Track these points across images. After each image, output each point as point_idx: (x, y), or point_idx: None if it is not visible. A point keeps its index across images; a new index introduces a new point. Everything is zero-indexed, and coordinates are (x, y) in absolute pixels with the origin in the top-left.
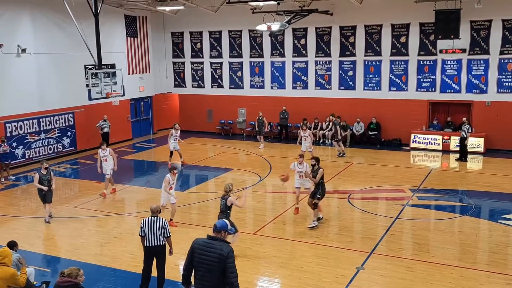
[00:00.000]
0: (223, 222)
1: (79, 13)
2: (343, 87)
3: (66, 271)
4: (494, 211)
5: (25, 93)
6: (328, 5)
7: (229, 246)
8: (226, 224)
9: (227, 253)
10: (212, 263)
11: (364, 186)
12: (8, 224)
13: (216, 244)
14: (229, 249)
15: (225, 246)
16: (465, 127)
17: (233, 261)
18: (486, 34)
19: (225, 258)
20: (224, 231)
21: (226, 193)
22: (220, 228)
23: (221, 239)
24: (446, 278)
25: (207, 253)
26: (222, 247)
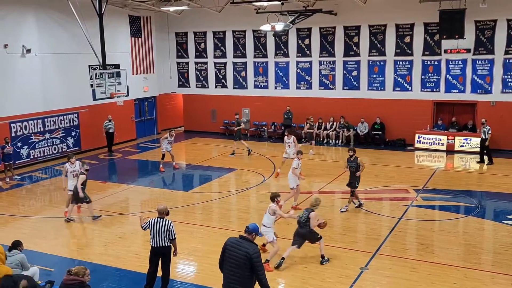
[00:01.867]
0: (255, 225)
1: (84, 14)
2: (347, 87)
3: (74, 270)
4: (498, 212)
5: (30, 93)
6: (332, 5)
7: (256, 247)
8: (257, 227)
9: (253, 253)
10: (239, 259)
11: (368, 186)
12: (13, 224)
13: (245, 243)
14: (255, 250)
15: (252, 247)
16: (485, 128)
17: (259, 260)
18: (490, 34)
19: (250, 257)
20: (255, 233)
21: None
22: (251, 230)
23: (250, 240)
24: (451, 278)
25: (236, 251)
26: (249, 247)
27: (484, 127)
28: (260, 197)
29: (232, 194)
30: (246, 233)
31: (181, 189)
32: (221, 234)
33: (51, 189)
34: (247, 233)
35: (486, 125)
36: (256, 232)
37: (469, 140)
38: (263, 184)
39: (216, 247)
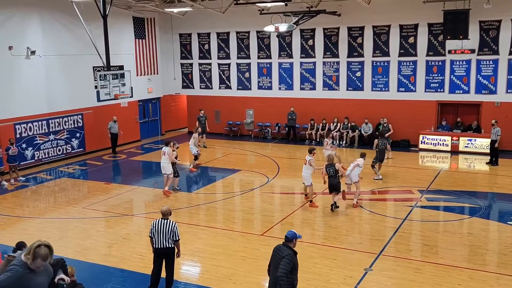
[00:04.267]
0: (292, 233)
1: (88, 15)
2: (351, 88)
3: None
4: (503, 213)
5: (34, 95)
6: (336, 6)
7: (290, 253)
8: (295, 234)
9: (285, 255)
10: (277, 263)
11: (372, 187)
12: (18, 225)
13: (284, 248)
14: (287, 252)
15: (287, 251)
16: (495, 130)
17: (287, 261)
18: (495, 34)
19: (282, 258)
20: (294, 239)
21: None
22: (290, 238)
23: (289, 246)
24: (455, 279)
25: (276, 256)
26: (284, 251)
27: (494, 129)
28: (264, 198)
29: (236, 195)
30: (287, 242)
31: (185, 190)
32: (225, 235)
33: (55, 190)
34: (287, 241)
35: (496, 126)
36: (295, 238)
37: (474, 141)
38: (267, 185)
39: (220, 248)
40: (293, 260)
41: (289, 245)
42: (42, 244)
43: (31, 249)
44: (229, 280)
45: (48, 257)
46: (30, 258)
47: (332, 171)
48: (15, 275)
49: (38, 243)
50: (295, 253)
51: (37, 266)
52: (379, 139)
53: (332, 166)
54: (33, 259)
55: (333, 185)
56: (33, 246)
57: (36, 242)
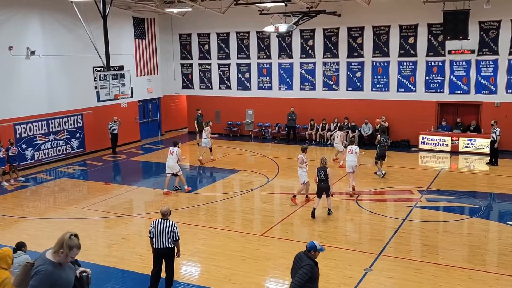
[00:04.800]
0: (311, 243)
1: (88, 16)
2: (351, 88)
3: None
4: (503, 213)
5: (34, 95)
6: (335, 6)
7: (310, 263)
8: (314, 244)
9: (304, 265)
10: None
11: (372, 187)
12: (18, 225)
13: (304, 258)
14: (306, 263)
15: (307, 261)
16: (495, 130)
17: (304, 272)
18: (495, 34)
19: (301, 268)
20: (313, 250)
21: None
22: (309, 248)
23: (310, 257)
24: (455, 280)
25: (297, 264)
26: (304, 261)
27: (494, 129)
28: (264, 198)
29: (236, 195)
30: (307, 251)
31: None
32: (225, 235)
33: (55, 190)
34: (307, 251)
35: (496, 126)
36: (315, 249)
37: (474, 141)
38: (267, 185)
39: (220, 248)
40: (312, 271)
41: (309, 255)
42: (71, 234)
43: (63, 242)
44: (229, 280)
45: (80, 245)
46: (65, 250)
47: (323, 175)
48: (45, 275)
49: (68, 234)
50: (316, 264)
51: (72, 256)
52: (382, 135)
53: (323, 170)
54: (69, 250)
55: (322, 188)
56: (64, 239)
57: (66, 234)
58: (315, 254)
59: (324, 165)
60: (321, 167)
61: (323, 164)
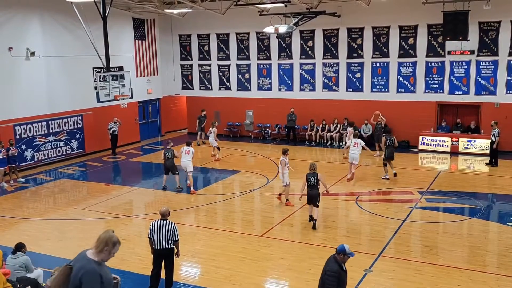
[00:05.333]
0: (341, 246)
1: (88, 16)
2: (350, 89)
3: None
4: (503, 213)
5: (34, 96)
6: (335, 7)
7: (336, 266)
8: (344, 248)
9: (327, 270)
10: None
11: (372, 188)
12: (18, 226)
13: (330, 262)
14: (329, 268)
15: (333, 265)
16: (494, 130)
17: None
18: (494, 35)
19: (325, 273)
20: (342, 254)
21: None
22: (338, 251)
23: (337, 260)
24: (455, 280)
25: (324, 266)
26: (329, 265)
27: (494, 129)
28: (264, 199)
29: (236, 196)
30: (336, 254)
31: (185, 191)
32: (225, 236)
33: (55, 191)
34: (337, 254)
35: (496, 127)
36: (344, 253)
37: (473, 142)
38: (267, 186)
39: (220, 249)
40: (338, 276)
41: (338, 258)
42: (112, 231)
43: (107, 240)
44: (229, 281)
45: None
46: (110, 247)
47: (314, 181)
48: (95, 273)
49: (110, 231)
50: (342, 268)
51: (115, 252)
52: (387, 136)
53: (314, 176)
54: (113, 246)
55: (311, 195)
56: (108, 236)
57: (108, 232)
58: (344, 257)
59: (314, 171)
60: (311, 173)
61: (313, 170)
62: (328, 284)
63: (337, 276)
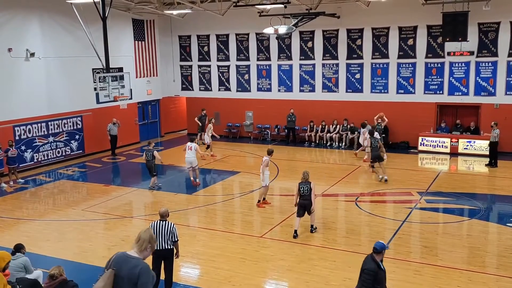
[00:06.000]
0: (380, 244)
1: (87, 17)
2: (350, 90)
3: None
4: (503, 214)
5: (34, 97)
6: (335, 8)
7: (373, 265)
8: (383, 245)
9: (365, 268)
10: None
11: (372, 189)
12: (17, 227)
13: (367, 261)
14: (367, 266)
15: (369, 264)
16: (494, 131)
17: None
18: (494, 36)
19: (362, 271)
20: (384, 250)
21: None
22: (379, 249)
23: (374, 259)
24: (455, 281)
25: (362, 265)
26: (366, 264)
27: (494, 130)
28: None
29: (236, 197)
30: (375, 253)
31: (184, 192)
32: (224, 237)
33: (54, 192)
34: (375, 253)
35: (495, 128)
36: (384, 249)
37: (473, 143)
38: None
39: (220, 250)
40: (375, 275)
41: (375, 258)
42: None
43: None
44: (229, 282)
45: None
46: (152, 244)
47: (306, 190)
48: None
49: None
50: (379, 266)
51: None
52: (371, 137)
53: (307, 184)
54: (154, 244)
55: (304, 205)
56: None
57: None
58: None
59: (307, 180)
60: (304, 181)
61: (306, 179)
62: (364, 282)
63: (373, 275)
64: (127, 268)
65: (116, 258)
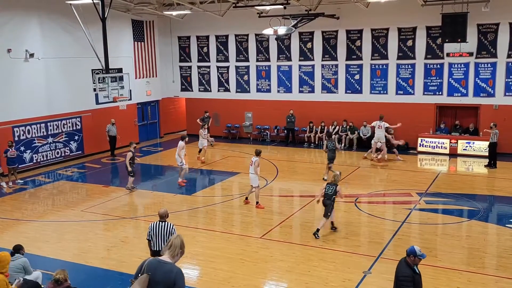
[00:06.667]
0: (411, 248)
1: (87, 18)
2: (349, 90)
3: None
4: (502, 215)
5: (33, 98)
6: (334, 9)
7: (408, 270)
8: (414, 249)
9: (399, 275)
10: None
11: (371, 190)
12: (16, 228)
13: (401, 266)
14: (401, 273)
15: (405, 269)
16: (493, 132)
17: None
18: (493, 37)
19: (397, 278)
20: (412, 255)
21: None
22: (408, 253)
23: (408, 263)
24: (454, 282)
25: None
26: (400, 271)
27: (493, 131)
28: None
29: (235, 198)
30: (407, 257)
31: (183, 193)
32: (223, 238)
33: (54, 193)
34: (407, 256)
35: (495, 128)
36: (414, 254)
37: (472, 144)
38: (266, 188)
39: (219, 251)
40: (412, 280)
41: (409, 261)
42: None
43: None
44: (228, 283)
45: None
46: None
47: (331, 191)
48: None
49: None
50: (414, 271)
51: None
52: (328, 140)
53: (333, 186)
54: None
55: (325, 204)
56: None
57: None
58: (415, 259)
59: (335, 182)
60: (331, 183)
61: (334, 181)
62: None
63: (411, 280)
64: (161, 272)
65: (149, 264)
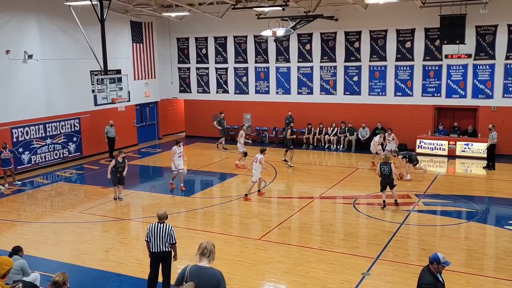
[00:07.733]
0: (434, 255)
1: (85, 20)
2: (348, 92)
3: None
4: (500, 217)
5: (32, 99)
6: (333, 11)
7: (430, 278)
8: (437, 257)
9: (423, 283)
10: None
11: (370, 191)
12: (14, 229)
13: (423, 274)
14: (427, 280)
15: (427, 277)
16: (491, 134)
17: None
18: (491, 39)
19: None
20: (435, 263)
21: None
22: (431, 260)
23: (430, 271)
24: (452, 284)
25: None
26: (422, 279)
27: (491, 133)
28: (262, 202)
29: (234, 199)
30: (430, 264)
31: (182, 195)
32: (222, 239)
33: (52, 194)
34: (430, 263)
35: (493, 130)
36: (438, 262)
37: (471, 145)
38: (265, 189)
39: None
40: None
41: (432, 268)
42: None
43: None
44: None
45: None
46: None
47: (387, 170)
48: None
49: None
50: (437, 279)
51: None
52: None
53: (388, 165)
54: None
55: (387, 183)
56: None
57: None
58: (438, 267)
59: (388, 161)
60: (384, 162)
61: (387, 160)
62: None
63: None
64: (206, 277)
65: (191, 272)
